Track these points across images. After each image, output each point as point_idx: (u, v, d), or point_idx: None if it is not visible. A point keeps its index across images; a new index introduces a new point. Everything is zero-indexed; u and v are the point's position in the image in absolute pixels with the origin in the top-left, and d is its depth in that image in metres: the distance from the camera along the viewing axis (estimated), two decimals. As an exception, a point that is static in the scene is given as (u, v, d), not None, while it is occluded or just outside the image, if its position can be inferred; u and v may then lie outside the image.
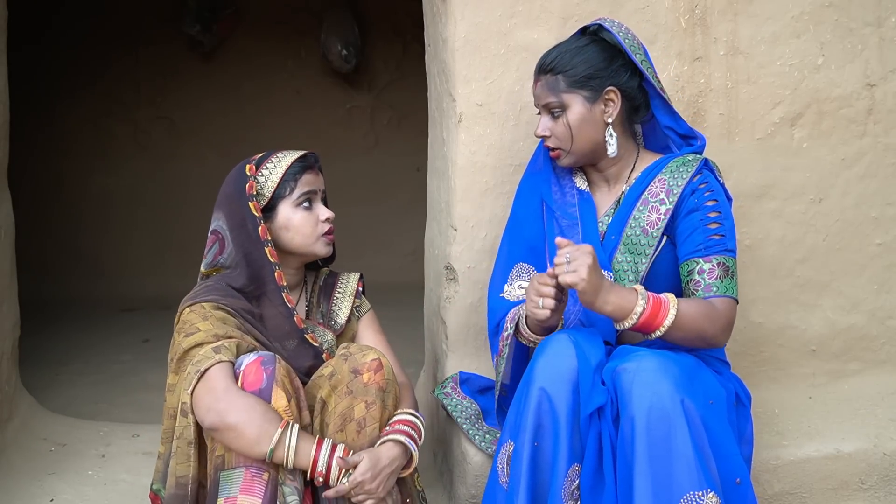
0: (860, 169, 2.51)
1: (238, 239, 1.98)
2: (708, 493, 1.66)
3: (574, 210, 2.08)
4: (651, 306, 1.81)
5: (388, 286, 5.23)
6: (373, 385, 1.88)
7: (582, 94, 1.99)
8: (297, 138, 5.62)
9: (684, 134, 2.07)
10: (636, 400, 1.71)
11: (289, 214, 2.01)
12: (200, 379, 1.78)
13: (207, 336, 1.85)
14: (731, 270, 1.93)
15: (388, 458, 1.86)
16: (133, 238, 5.71)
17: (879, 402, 2.52)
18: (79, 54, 5.59)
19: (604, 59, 1.99)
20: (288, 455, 1.76)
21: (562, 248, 1.80)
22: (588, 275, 1.75)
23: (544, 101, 2.03)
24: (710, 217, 1.94)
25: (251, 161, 2.04)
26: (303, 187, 2.02)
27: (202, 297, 1.93)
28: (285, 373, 1.84)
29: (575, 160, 2.05)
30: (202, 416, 1.78)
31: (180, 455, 1.83)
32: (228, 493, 1.76)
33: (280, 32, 5.76)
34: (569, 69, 1.99)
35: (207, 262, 2.04)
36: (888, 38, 2.49)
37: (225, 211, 2.01)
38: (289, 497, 1.78)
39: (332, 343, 2.09)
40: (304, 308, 2.14)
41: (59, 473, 2.56)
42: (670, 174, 1.99)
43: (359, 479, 1.80)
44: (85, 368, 3.86)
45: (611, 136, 2.01)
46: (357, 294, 2.19)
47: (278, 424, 1.76)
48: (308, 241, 2.03)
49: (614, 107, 2.00)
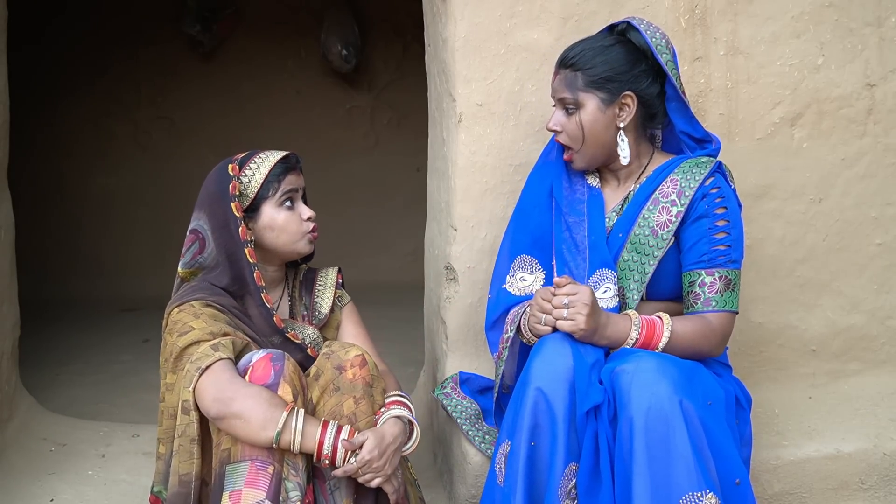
0: (860, 169, 2.51)
1: (220, 239, 1.99)
2: (707, 493, 1.66)
3: (582, 207, 2.07)
4: (645, 334, 1.86)
5: (388, 286, 5.25)
6: (359, 381, 1.89)
7: (598, 95, 1.97)
8: (296, 138, 5.63)
9: (700, 138, 2.06)
10: (635, 401, 1.71)
11: (273, 214, 2.03)
12: (202, 376, 1.80)
13: (203, 334, 1.86)
14: (732, 283, 1.93)
15: (392, 434, 1.87)
16: (133, 238, 5.71)
17: (879, 402, 2.52)
18: (79, 54, 5.59)
19: (627, 62, 1.97)
20: (294, 438, 1.77)
21: (561, 286, 1.83)
22: (586, 323, 1.80)
23: (560, 95, 2.01)
24: (717, 226, 1.94)
25: (234, 161, 2.05)
26: (286, 187, 2.04)
27: (188, 297, 1.95)
28: (293, 370, 1.85)
29: (587, 163, 2.04)
30: (208, 406, 1.79)
31: (183, 453, 1.84)
32: (234, 486, 1.77)
33: (280, 32, 5.76)
34: (589, 68, 1.97)
35: (185, 262, 2.05)
36: (888, 38, 2.49)
37: (207, 211, 2.02)
38: (291, 493, 1.78)
39: (314, 337, 2.10)
40: (288, 303, 2.16)
41: (59, 473, 2.56)
42: (682, 175, 1.97)
43: (367, 458, 1.81)
44: (85, 368, 3.86)
45: (622, 140, 2.00)
46: (338, 285, 2.21)
47: (284, 409, 1.77)
48: (293, 240, 2.05)
49: (629, 112, 1.98)
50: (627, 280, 1.98)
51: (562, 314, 1.81)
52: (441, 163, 2.50)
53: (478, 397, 2.31)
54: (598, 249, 1.99)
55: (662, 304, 2.00)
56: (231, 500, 1.75)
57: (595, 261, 1.99)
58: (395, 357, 3.65)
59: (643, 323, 1.87)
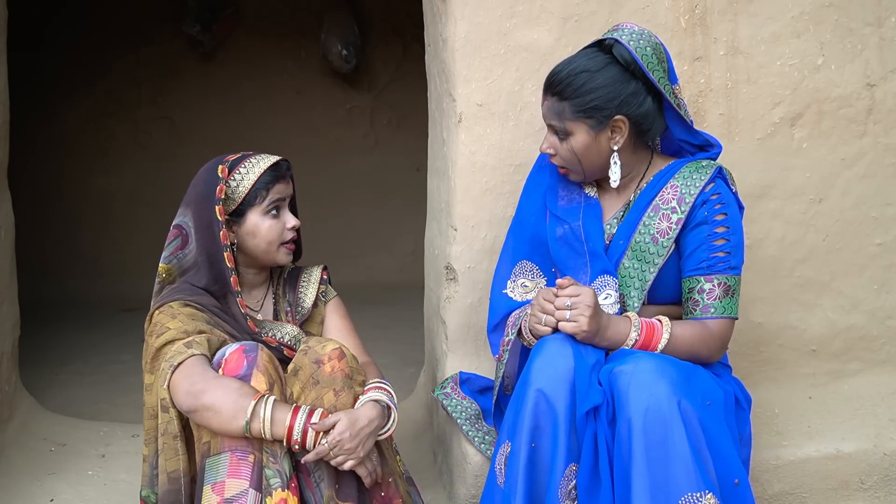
0: (860, 169, 2.51)
1: (203, 240, 2.00)
2: (706, 494, 1.66)
3: (577, 223, 2.05)
4: (644, 335, 1.86)
5: (388, 286, 5.25)
6: (338, 373, 1.89)
7: (587, 123, 1.92)
8: (297, 138, 5.63)
9: (700, 144, 2.04)
10: (633, 401, 1.71)
11: (257, 221, 2.04)
12: (174, 372, 1.82)
13: (178, 333, 1.89)
14: (732, 289, 1.93)
15: (367, 418, 1.87)
16: (133, 238, 5.71)
17: (879, 402, 2.52)
18: (79, 54, 5.59)
19: (617, 86, 1.89)
20: (264, 425, 1.78)
21: (563, 288, 1.83)
22: (588, 325, 1.80)
23: (549, 121, 1.98)
24: (716, 233, 1.93)
25: (225, 162, 2.05)
26: (273, 196, 2.04)
27: (168, 298, 1.98)
28: (268, 359, 1.87)
29: (584, 178, 2.03)
30: (180, 400, 1.82)
31: (168, 451, 1.87)
32: (216, 479, 1.78)
33: (280, 32, 5.76)
34: (576, 98, 1.90)
35: (166, 256, 2.06)
36: (888, 38, 2.49)
37: (193, 209, 2.03)
38: (272, 480, 1.79)
39: (293, 334, 2.10)
40: (272, 301, 2.17)
41: (59, 473, 2.56)
42: (682, 180, 1.96)
43: (337, 439, 1.81)
44: (85, 368, 3.86)
45: (615, 163, 1.96)
46: (322, 281, 2.22)
47: (253, 398, 1.78)
48: (270, 249, 2.06)
49: (621, 134, 1.93)
50: (628, 287, 1.97)
51: (564, 315, 1.82)
52: (441, 163, 2.50)
53: (478, 397, 2.31)
54: (597, 256, 1.99)
55: (664, 307, 2.00)
56: (215, 491, 1.77)
57: (596, 267, 1.99)
58: (395, 357, 3.66)
59: (643, 325, 1.87)
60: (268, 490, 1.78)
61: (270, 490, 1.78)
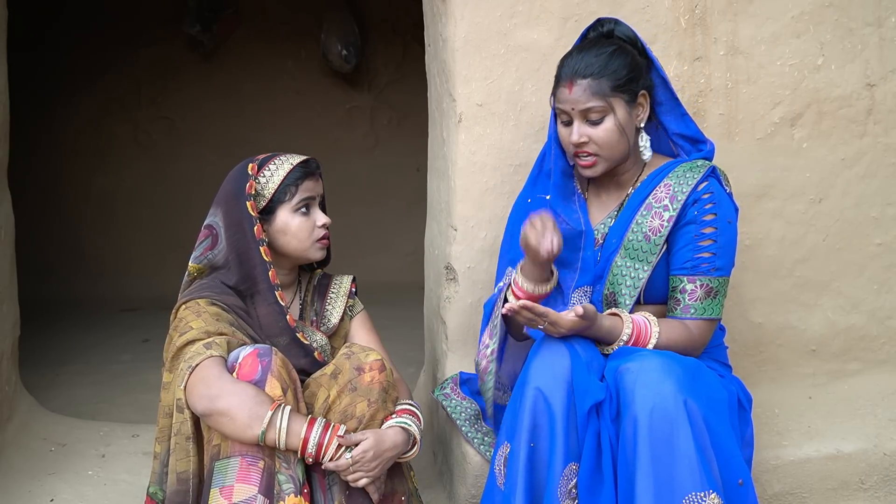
0: (860, 169, 2.51)
1: (232, 238, 2.00)
2: (710, 493, 1.66)
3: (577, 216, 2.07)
4: (635, 333, 1.89)
5: (388, 286, 5.24)
6: (376, 385, 1.90)
7: (623, 98, 1.94)
8: (297, 138, 5.62)
9: (693, 137, 2.05)
10: (639, 400, 1.71)
11: (287, 219, 2.04)
12: (192, 373, 1.81)
13: (199, 333, 1.88)
14: (714, 291, 1.94)
15: (393, 442, 1.89)
16: (134, 238, 5.71)
17: (879, 402, 2.52)
18: (79, 55, 5.58)
19: (635, 61, 1.97)
20: (279, 436, 1.78)
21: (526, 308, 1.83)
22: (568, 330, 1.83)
23: (586, 104, 1.93)
24: (703, 234, 1.93)
25: (254, 161, 2.06)
26: (302, 193, 2.04)
27: (197, 294, 1.97)
28: (282, 364, 1.86)
29: (606, 168, 1.99)
30: (195, 403, 1.81)
31: (179, 451, 1.86)
32: (224, 483, 1.78)
33: (280, 32, 5.76)
34: (612, 72, 1.92)
35: (196, 256, 2.06)
36: (888, 38, 2.49)
37: (223, 208, 2.03)
38: (284, 485, 1.80)
39: (322, 343, 2.11)
40: (298, 307, 2.16)
41: (59, 473, 2.56)
42: (676, 179, 1.97)
43: (360, 457, 1.83)
44: (85, 368, 3.86)
45: (644, 139, 2.00)
46: (350, 294, 2.22)
47: (269, 407, 1.78)
48: (303, 246, 2.06)
49: (644, 111, 1.99)
50: (620, 285, 1.97)
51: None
52: (441, 163, 2.50)
53: (478, 398, 2.31)
54: (586, 267, 2.02)
55: (658, 307, 2.00)
56: (223, 495, 1.77)
57: (583, 278, 2.02)
58: (395, 357, 3.64)
59: (633, 322, 1.90)
60: (279, 495, 1.79)
61: (283, 495, 1.78)
